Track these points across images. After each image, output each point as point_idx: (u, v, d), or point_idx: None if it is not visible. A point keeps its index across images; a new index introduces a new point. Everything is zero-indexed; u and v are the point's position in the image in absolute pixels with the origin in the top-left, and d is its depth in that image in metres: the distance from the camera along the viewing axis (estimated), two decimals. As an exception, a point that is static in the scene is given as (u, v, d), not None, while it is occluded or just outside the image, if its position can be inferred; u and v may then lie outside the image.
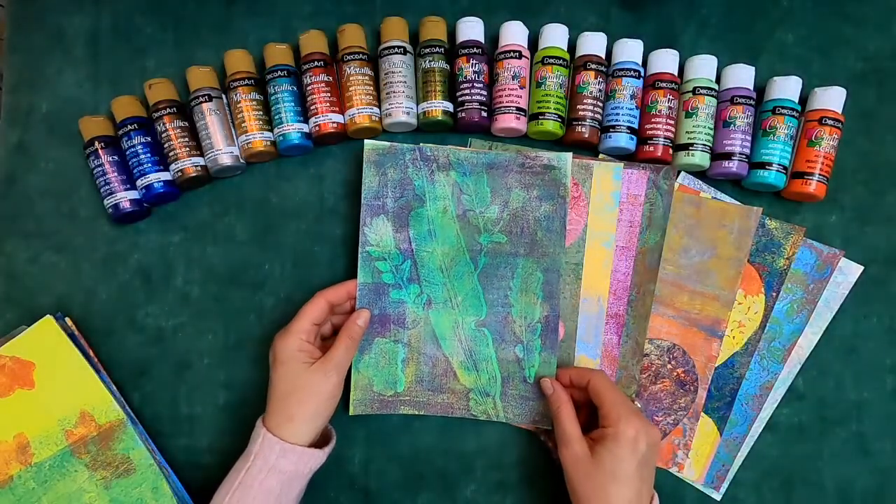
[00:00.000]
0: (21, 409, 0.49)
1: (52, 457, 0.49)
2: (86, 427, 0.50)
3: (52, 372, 0.50)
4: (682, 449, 0.52)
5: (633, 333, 0.52)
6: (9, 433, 0.49)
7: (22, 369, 0.50)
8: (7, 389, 0.49)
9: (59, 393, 0.50)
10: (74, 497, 0.49)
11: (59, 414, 0.50)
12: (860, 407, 0.52)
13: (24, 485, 0.48)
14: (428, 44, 0.52)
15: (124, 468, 0.50)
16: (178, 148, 0.52)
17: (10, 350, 0.50)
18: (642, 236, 0.53)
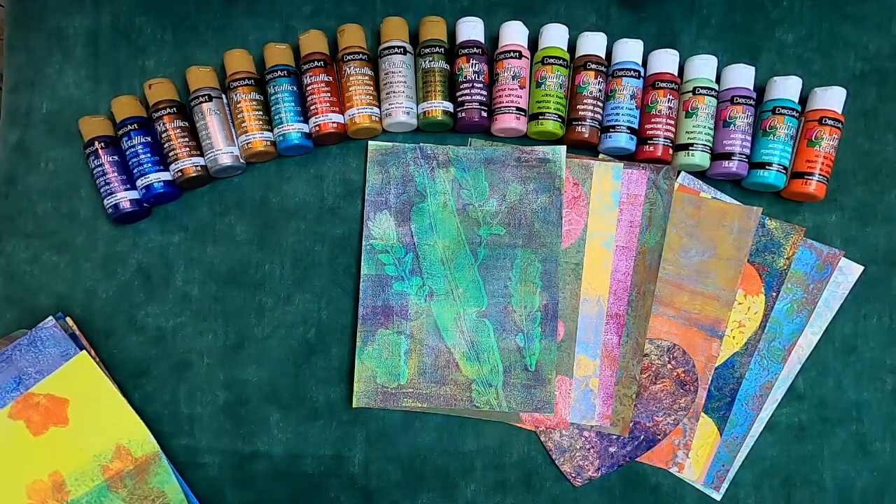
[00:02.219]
0: (55, 447, 0.49)
1: (89, 493, 0.49)
2: (122, 461, 0.50)
3: (87, 407, 0.50)
4: (682, 449, 0.52)
5: (633, 333, 0.52)
6: (44, 471, 0.49)
7: (56, 407, 0.49)
8: (41, 428, 0.49)
9: (95, 428, 0.50)
10: None
11: (94, 450, 0.49)
12: (860, 407, 0.52)
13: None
14: (428, 44, 0.52)
15: (160, 502, 0.50)
16: (178, 148, 0.52)
17: (44, 388, 0.49)
18: (642, 236, 0.53)
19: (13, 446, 0.49)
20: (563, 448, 0.52)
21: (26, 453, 0.49)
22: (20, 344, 0.50)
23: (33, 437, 0.49)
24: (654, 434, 0.52)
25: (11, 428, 0.49)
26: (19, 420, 0.49)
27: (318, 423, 0.53)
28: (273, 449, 0.53)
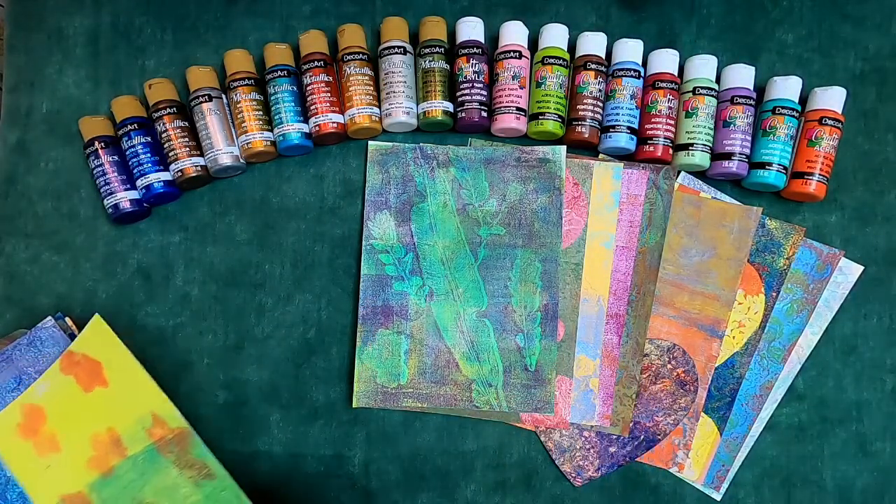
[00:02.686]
0: (103, 405, 0.49)
1: (143, 451, 0.49)
2: (161, 428, 0.49)
3: (116, 372, 0.49)
4: (682, 449, 0.52)
5: (633, 333, 0.52)
6: (101, 426, 0.49)
7: (93, 367, 0.49)
8: (88, 385, 0.49)
9: (129, 393, 0.49)
10: (171, 490, 0.48)
11: (135, 413, 0.49)
12: (860, 407, 0.52)
13: (126, 475, 0.48)
14: (428, 44, 0.52)
15: (206, 472, 0.49)
16: (178, 148, 0.52)
17: (79, 346, 0.49)
18: (642, 236, 0.53)
19: (70, 400, 0.48)
20: (563, 448, 0.52)
21: (82, 407, 0.49)
22: (20, 344, 0.50)
23: (84, 394, 0.49)
24: (654, 434, 0.52)
25: (64, 383, 0.49)
26: (69, 375, 0.49)
27: (318, 423, 0.53)
28: (273, 449, 0.53)
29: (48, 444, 0.48)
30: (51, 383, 0.49)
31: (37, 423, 0.48)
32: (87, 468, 0.48)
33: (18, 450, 0.48)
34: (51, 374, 0.48)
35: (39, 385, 0.49)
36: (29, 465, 0.48)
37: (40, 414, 0.48)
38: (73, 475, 0.48)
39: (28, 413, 0.48)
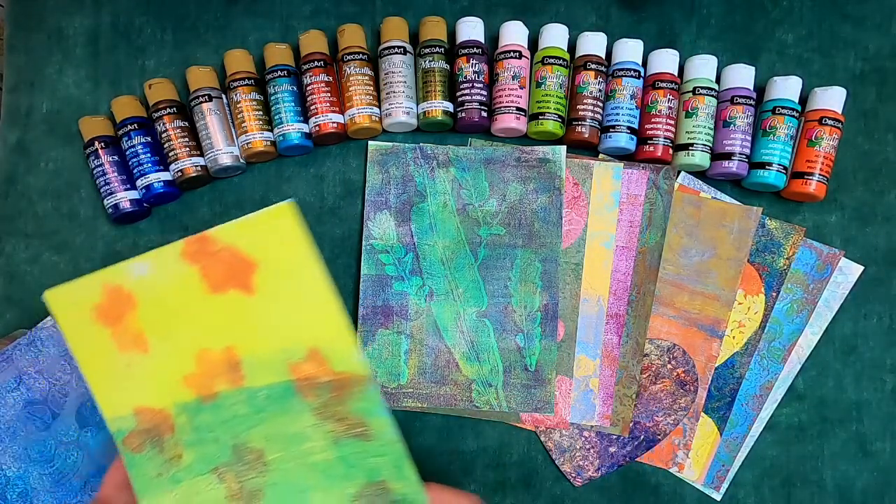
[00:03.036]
0: (233, 317, 0.36)
1: (270, 386, 0.37)
2: (315, 367, 0.37)
3: (281, 284, 0.36)
4: (682, 449, 0.52)
5: (633, 333, 0.52)
6: (218, 342, 0.37)
7: (239, 266, 0.36)
8: (220, 285, 0.36)
9: (286, 314, 0.36)
10: (294, 440, 0.37)
11: (281, 341, 0.37)
12: (860, 407, 0.52)
13: (232, 407, 0.37)
14: (428, 44, 0.52)
15: (360, 431, 0.38)
16: (178, 148, 0.52)
17: (227, 235, 0.36)
18: (642, 236, 0.53)
19: (183, 296, 0.36)
20: (563, 448, 0.52)
21: (198, 310, 0.36)
22: (20, 344, 0.50)
23: (208, 294, 0.36)
24: (654, 434, 0.52)
25: (182, 272, 0.36)
26: (194, 265, 0.36)
27: (318, 423, 0.53)
28: (273, 449, 0.53)
29: (131, 340, 0.37)
30: (157, 267, 0.36)
31: (121, 310, 0.37)
32: (181, 384, 0.37)
33: (91, 335, 0.37)
34: (160, 256, 0.36)
35: (135, 264, 0.36)
36: (101, 357, 0.37)
37: (127, 302, 0.37)
38: (159, 387, 0.37)
39: (111, 296, 0.37)
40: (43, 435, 0.50)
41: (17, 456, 0.49)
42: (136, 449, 0.37)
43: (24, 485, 0.49)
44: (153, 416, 0.37)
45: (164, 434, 0.37)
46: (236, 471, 0.37)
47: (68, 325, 0.37)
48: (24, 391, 0.50)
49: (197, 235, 0.36)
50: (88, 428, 0.50)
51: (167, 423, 0.37)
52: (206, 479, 0.37)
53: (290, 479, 0.37)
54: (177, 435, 0.37)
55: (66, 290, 0.36)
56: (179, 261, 0.36)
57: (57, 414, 0.50)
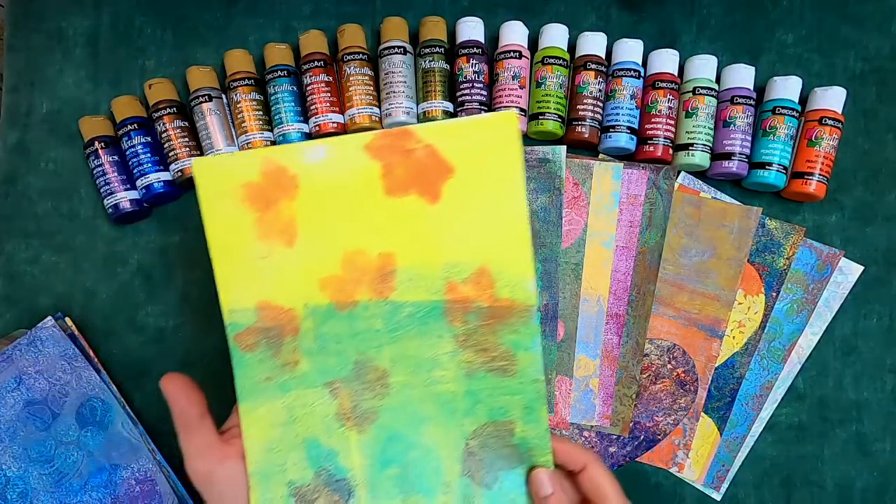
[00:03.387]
0: (404, 222, 0.34)
1: (418, 304, 0.35)
2: (477, 290, 0.34)
3: (472, 195, 0.34)
4: (682, 449, 0.52)
5: (633, 333, 0.52)
6: (377, 246, 0.34)
7: (433, 170, 0.34)
8: (401, 187, 0.34)
9: (468, 227, 0.34)
10: (423, 365, 0.35)
11: (451, 255, 0.34)
12: (860, 407, 0.52)
13: (368, 321, 0.35)
14: (428, 44, 0.52)
15: (500, 366, 0.35)
16: (178, 148, 0.52)
17: (431, 135, 0.34)
18: (642, 236, 0.53)
19: (355, 191, 0.34)
20: (563, 448, 0.52)
21: (366, 209, 0.34)
22: (20, 344, 0.50)
23: (383, 194, 0.34)
24: (654, 434, 0.52)
25: (362, 165, 0.34)
26: (377, 160, 0.34)
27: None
28: (273, 449, 0.53)
29: (278, 229, 0.34)
30: (334, 155, 0.34)
31: (278, 194, 0.34)
32: (317, 286, 0.34)
33: (232, 215, 0.34)
34: (341, 144, 0.34)
35: (312, 147, 0.34)
36: (237, 241, 0.34)
37: (288, 186, 0.34)
38: (293, 284, 0.34)
39: (271, 176, 0.34)
40: (43, 435, 0.50)
41: (17, 456, 0.49)
42: (248, 347, 0.35)
43: (24, 485, 0.49)
44: (277, 315, 0.34)
45: (285, 336, 0.35)
46: (353, 389, 0.35)
47: (209, 201, 0.34)
48: (24, 391, 0.50)
49: (396, 129, 0.33)
50: (88, 428, 0.50)
51: (291, 325, 0.35)
52: (317, 393, 0.35)
53: (407, 407, 0.36)
54: (298, 340, 0.35)
55: (217, 162, 0.34)
56: (362, 153, 0.34)
57: (57, 414, 0.50)
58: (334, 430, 0.36)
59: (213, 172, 0.34)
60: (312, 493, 0.36)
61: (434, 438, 0.36)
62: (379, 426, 0.36)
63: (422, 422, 0.36)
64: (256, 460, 0.35)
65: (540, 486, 0.36)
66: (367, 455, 0.36)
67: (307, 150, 0.34)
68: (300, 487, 0.36)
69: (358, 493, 0.36)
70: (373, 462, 0.36)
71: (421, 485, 0.36)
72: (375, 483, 0.36)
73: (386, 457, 0.36)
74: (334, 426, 0.35)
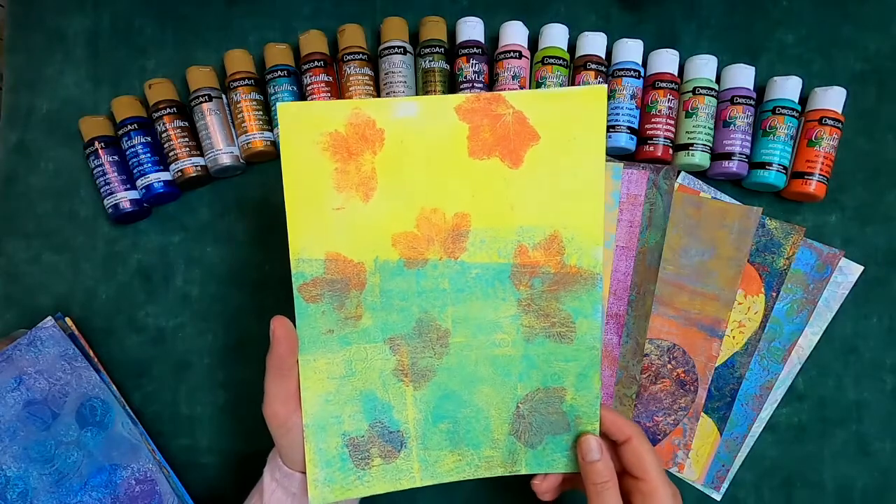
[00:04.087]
0: (484, 185, 0.35)
1: (487, 265, 0.35)
2: (547, 255, 0.36)
3: (554, 162, 0.35)
4: (682, 449, 0.52)
5: (633, 333, 0.52)
6: (454, 205, 0.35)
7: (518, 136, 0.35)
8: (486, 150, 0.35)
9: (545, 194, 0.35)
10: (485, 327, 0.36)
11: (525, 218, 0.35)
12: (860, 407, 0.52)
13: (436, 280, 0.35)
14: (428, 44, 0.52)
15: (559, 332, 0.37)
16: (178, 148, 0.52)
17: (522, 101, 0.35)
18: (642, 236, 0.53)
19: (440, 150, 0.35)
20: (563, 448, 0.52)
21: (449, 168, 0.35)
22: (20, 344, 0.50)
23: (467, 155, 0.35)
24: (654, 434, 0.52)
25: (451, 125, 0.35)
26: (465, 122, 0.35)
27: (318, 423, 0.53)
28: (273, 449, 0.53)
29: (357, 181, 0.35)
30: (425, 113, 0.35)
31: (363, 146, 0.34)
32: (389, 242, 0.35)
33: (312, 163, 0.34)
34: (431, 103, 0.35)
35: (404, 103, 0.34)
36: (314, 190, 0.35)
37: (374, 139, 0.35)
38: (365, 238, 0.35)
39: (358, 127, 0.34)
40: (43, 435, 0.50)
41: (17, 456, 0.49)
42: (312, 298, 0.36)
43: (24, 485, 0.49)
44: (345, 268, 0.35)
45: (351, 290, 0.36)
46: (413, 346, 0.36)
47: (290, 146, 0.34)
48: (24, 391, 0.50)
49: (488, 93, 0.35)
50: (88, 428, 0.50)
51: (358, 279, 0.35)
52: (378, 348, 0.36)
53: (465, 368, 0.37)
54: (363, 294, 0.36)
55: (304, 108, 0.35)
56: (451, 113, 0.35)
57: (57, 414, 0.50)
58: (391, 385, 0.37)
59: (298, 117, 0.35)
60: (366, 443, 0.37)
61: (486, 399, 0.37)
62: (435, 384, 0.37)
63: (477, 382, 0.37)
64: (313, 412, 0.36)
65: (588, 451, 0.38)
66: (422, 410, 0.37)
67: (398, 105, 0.34)
68: (354, 438, 0.37)
69: (410, 444, 0.37)
70: (426, 416, 0.37)
71: (470, 439, 0.38)
72: (427, 435, 0.37)
73: (439, 413, 0.37)
74: (391, 381, 0.37)
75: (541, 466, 0.39)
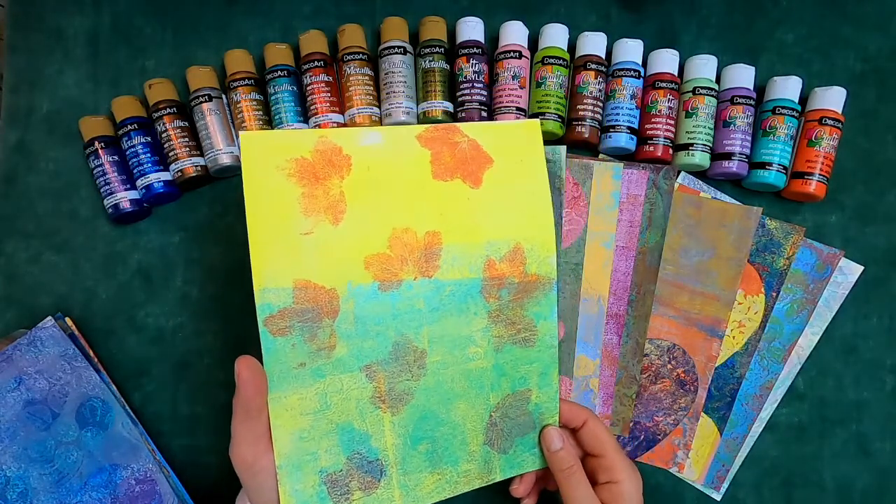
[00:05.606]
0: (448, 205, 0.36)
1: (459, 282, 0.36)
2: (511, 266, 0.38)
3: (508, 181, 0.38)
4: (682, 449, 0.52)
5: (633, 333, 0.52)
6: (423, 224, 0.36)
7: (474, 160, 0.38)
8: (448, 172, 0.37)
9: (504, 209, 0.38)
10: (460, 343, 0.37)
11: (492, 233, 0.37)
12: (860, 407, 0.52)
13: (410, 301, 0.35)
14: (428, 44, 0.52)
15: (524, 337, 0.38)
16: (178, 148, 0.52)
17: (473, 131, 0.39)
18: (642, 236, 0.53)
19: (406, 173, 0.36)
20: (563, 448, 0.52)
21: (416, 190, 0.36)
22: (20, 344, 0.50)
23: (431, 178, 0.37)
24: (654, 434, 0.52)
25: (414, 151, 0.37)
26: (426, 148, 0.37)
27: (318, 423, 0.53)
28: (273, 449, 0.53)
29: (326, 205, 0.34)
30: (389, 141, 0.36)
31: (330, 171, 0.35)
32: (362, 265, 0.34)
33: (277, 189, 0.33)
34: (394, 132, 0.37)
35: (369, 133, 0.36)
36: (278, 216, 0.33)
37: (341, 164, 0.35)
38: (336, 263, 0.34)
39: (325, 154, 0.35)
40: (43, 435, 0.50)
41: (17, 456, 0.49)
42: (280, 331, 0.34)
43: (24, 485, 0.49)
44: (316, 295, 0.33)
45: (323, 318, 0.34)
46: (390, 371, 0.36)
47: (254, 173, 0.33)
48: (24, 391, 0.50)
49: (444, 124, 0.38)
50: (88, 428, 0.50)
51: (331, 306, 0.34)
52: (354, 377, 0.35)
53: (441, 386, 0.37)
54: (337, 322, 0.34)
55: (268, 137, 0.34)
56: (413, 141, 0.37)
57: (57, 414, 0.50)
58: (368, 413, 0.36)
59: (261, 145, 0.34)
60: (345, 477, 0.35)
61: (462, 414, 0.37)
62: (413, 406, 0.36)
63: (453, 399, 0.37)
64: (286, 451, 0.35)
65: (551, 441, 0.40)
66: (400, 434, 0.36)
67: (363, 134, 0.36)
68: (332, 474, 0.35)
69: (389, 471, 0.36)
70: (405, 440, 0.36)
71: (448, 456, 0.37)
72: (406, 459, 0.37)
73: (417, 434, 0.37)
74: (368, 409, 0.36)
75: (513, 469, 0.40)
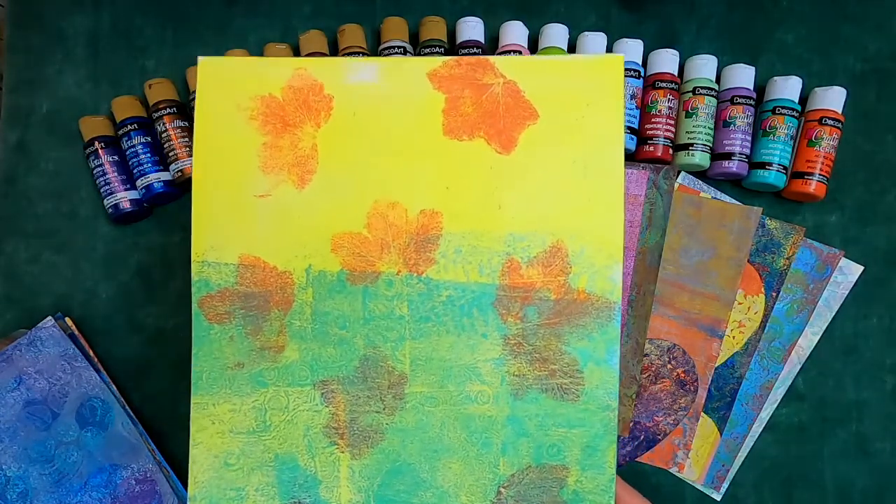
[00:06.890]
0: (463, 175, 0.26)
1: (462, 285, 0.26)
2: (546, 274, 0.27)
3: (557, 149, 0.26)
4: (682, 449, 0.52)
5: (633, 333, 0.52)
6: (417, 199, 0.26)
7: (512, 111, 0.26)
8: (466, 129, 0.27)
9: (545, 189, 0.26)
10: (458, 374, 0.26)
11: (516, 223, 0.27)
12: (860, 407, 0.52)
13: (390, 302, 0.26)
14: (428, 44, 0.52)
15: (561, 384, 0.29)
16: (178, 148, 0.52)
17: (514, 68, 0.27)
18: (642, 236, 0.53)
19: (406, 125, 0.26)
20: (563, 448, 0.52)
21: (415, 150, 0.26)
22: (20, 344, 0.50)
23: (441, 136, 0.26)
24: (654, 434, 0.52)
25: (422, 95, 0.27)
26: (440, 91, 0.27)
27: (318, 423, 0.53)
28: (273, 449, 0.52)
29: (290, 162, 0.26)
30: (389, 79, 0.26)
31: (301, 115, 0.26)
32: (328, 245, 0.26)
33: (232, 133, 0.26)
34: (399, 67, 0.26)
35: (363, 65, 0.26)
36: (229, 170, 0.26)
37: (319, 107, 0.26)
38: (293, 238, 0.26)
39: (299, 93, 0.26)
40: (43, 435, 0.50)
41: (17, 456, 0.49)
42: (217, 317, 0.27)
43: (24, 485, 0.49)
44: (265, 278, 0.26)
45: (271, 308, 0.26)
46: (354, 395, 0.26)
47: (207, 110, 0.26)
48: (24, 391, 0.50)
49: (472, 57, 0.26)
50: (88, 428, 0.50)
51: (283, 294, 0.26)
52: (304, 394, 0.26)
53: (425, 431, 0.26)
54: (289, 316, 0.26)
55: (232, 64, 0.26)
56: (423, 80, 0.26)
57: (57, 414, 0.50)
58: (319, 448, 0.27)
59: (222, 76, 0.27)
60: None
61: (456, 480, 0.27)
62: (382, 452, 0.27)
63: (442, 453, 0.27)
64: (204, 479, 0.26)
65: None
66: (361, 489, 0.26)
67: (355, 67, 0.26)
68: None
69: None
70: (367, 499, 0.26)
71: None
72: None
73: (385, 495, 0.26)
74: (320, 443, 0.27)
75: None
